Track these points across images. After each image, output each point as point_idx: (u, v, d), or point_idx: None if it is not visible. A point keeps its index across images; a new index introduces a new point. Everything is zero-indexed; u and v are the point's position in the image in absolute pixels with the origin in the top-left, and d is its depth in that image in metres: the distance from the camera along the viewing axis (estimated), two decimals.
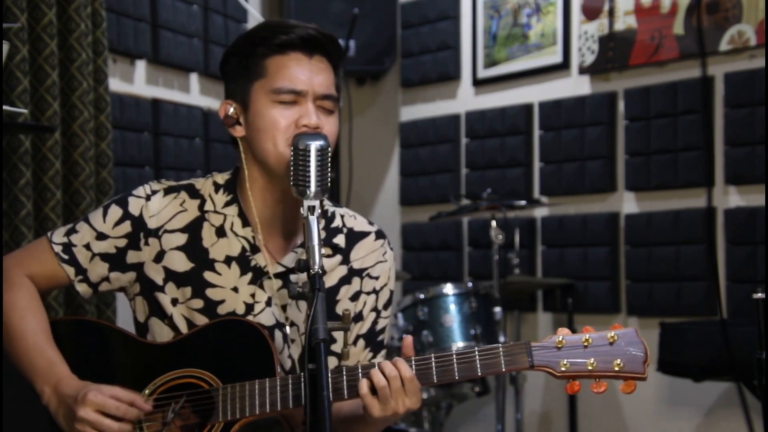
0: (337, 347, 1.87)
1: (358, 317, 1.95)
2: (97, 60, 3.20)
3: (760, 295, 2.45)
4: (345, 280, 1.94)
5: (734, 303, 3.68)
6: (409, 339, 1.75)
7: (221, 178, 1.96)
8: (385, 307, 1.99)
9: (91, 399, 1.70)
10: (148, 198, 1.91)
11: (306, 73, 1.83)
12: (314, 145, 1.72)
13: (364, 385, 1.68)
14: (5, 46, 2.65)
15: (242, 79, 1.87)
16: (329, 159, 1.74)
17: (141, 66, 3.78)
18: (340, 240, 1.95)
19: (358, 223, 2.00)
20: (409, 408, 1.69)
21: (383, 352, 1.99)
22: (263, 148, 1.84)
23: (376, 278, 1.97)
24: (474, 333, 3.64)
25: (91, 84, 3.16)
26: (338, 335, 1.84)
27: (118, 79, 3.64)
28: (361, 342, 1.95)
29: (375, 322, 1.97)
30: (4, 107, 2.68)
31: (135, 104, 3.68)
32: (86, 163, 3.09)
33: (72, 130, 3.06)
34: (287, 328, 1.88)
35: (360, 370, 1.72)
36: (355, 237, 1.97)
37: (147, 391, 1.81)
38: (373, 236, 1.99)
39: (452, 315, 3.68)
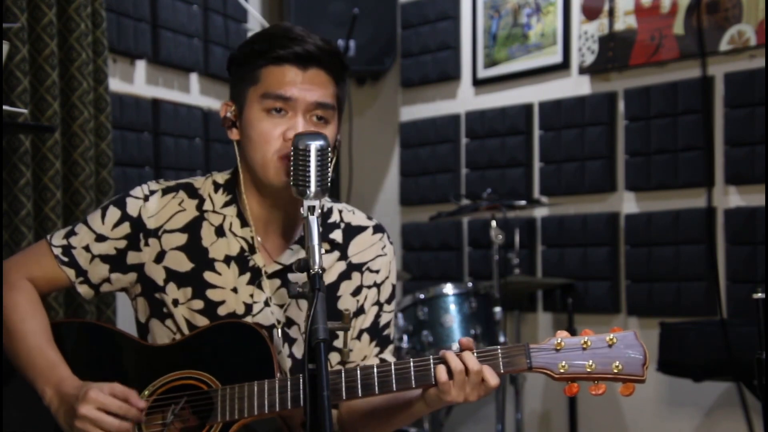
0: (339, 343, 1.87)
1: (360, 311, 1.94)
2: (97, 60, 3.20)
3: (760, 295, 2.44)
4: (344, 276, 1.94)
5: (734, 303, 3.68)
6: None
7: (221, 177, 1.96)
8: (388, 301, 1.99)
9: (92, 397, 1.70)
10: (146, 198, 1.91)
11: (297, 84, 1.82)
12: (314, 145, 1.70)
13: (442, 370, 1.69)
14: (5, 46, 2.65)
15: (240, 84, 1.88)
16: (329, 159, 1.74)
17: (141, 66, 3.78)
18: (336, 235, 1.95)
19: (356, 218, 2.00)
20: (480, 395, 1.71)
21: (391, 347, 1.98)
22: (251, 157, 1.85)
23: (377, 272, 1.97)
24: (474, 333, 3.63)
25: (91, 84, 3.16)
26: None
27: (118, 79, 3.64)
28: (366, 336, 1.94)
29: (378, 316, 1.97)
30: (4, 107, 2.68)
31: (135, 104, 3.68)
32: (86, 163, 3.09)
33: (72, 130, 3.06)
34: (286, 327, 1.88)
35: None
36: (352, 232, 1.97)
37: (146, 392, 1.80)
38: (370, 230, 1.99)
39: (452, 315, 3.68)
